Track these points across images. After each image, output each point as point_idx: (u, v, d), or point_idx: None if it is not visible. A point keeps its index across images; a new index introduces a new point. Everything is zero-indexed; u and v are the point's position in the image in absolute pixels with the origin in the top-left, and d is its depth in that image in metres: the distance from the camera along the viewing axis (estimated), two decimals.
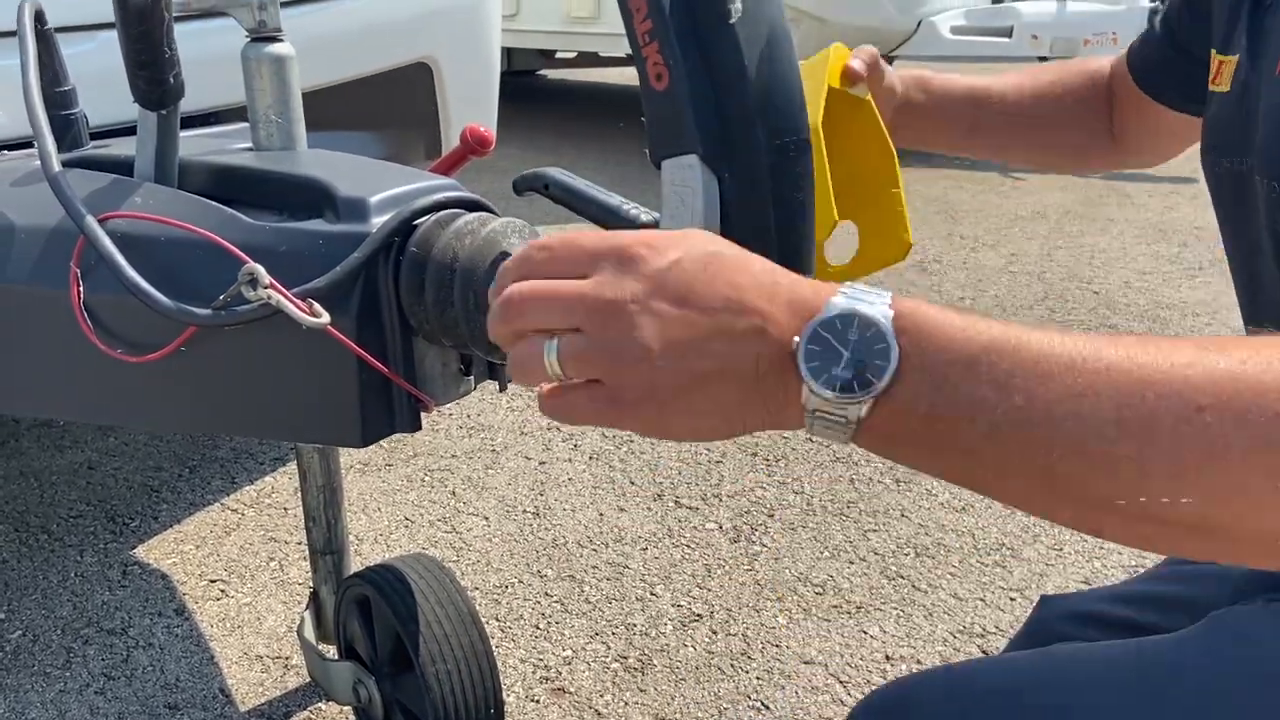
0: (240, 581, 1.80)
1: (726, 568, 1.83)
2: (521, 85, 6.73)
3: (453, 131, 2.13)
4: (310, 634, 1.41)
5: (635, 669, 1.58)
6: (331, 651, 1.39)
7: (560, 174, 0.80)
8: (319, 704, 1.51)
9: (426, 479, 2.13)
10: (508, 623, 1.69)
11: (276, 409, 0.91)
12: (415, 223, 0.87)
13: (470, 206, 0.90)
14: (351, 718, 1.45)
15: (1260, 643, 0.67)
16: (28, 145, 1.22)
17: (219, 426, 1.07)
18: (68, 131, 1.13)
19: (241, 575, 1.81)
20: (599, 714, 1.50)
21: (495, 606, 1.73)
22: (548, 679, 1.57)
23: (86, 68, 1.22)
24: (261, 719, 1.49)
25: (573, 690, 1.54)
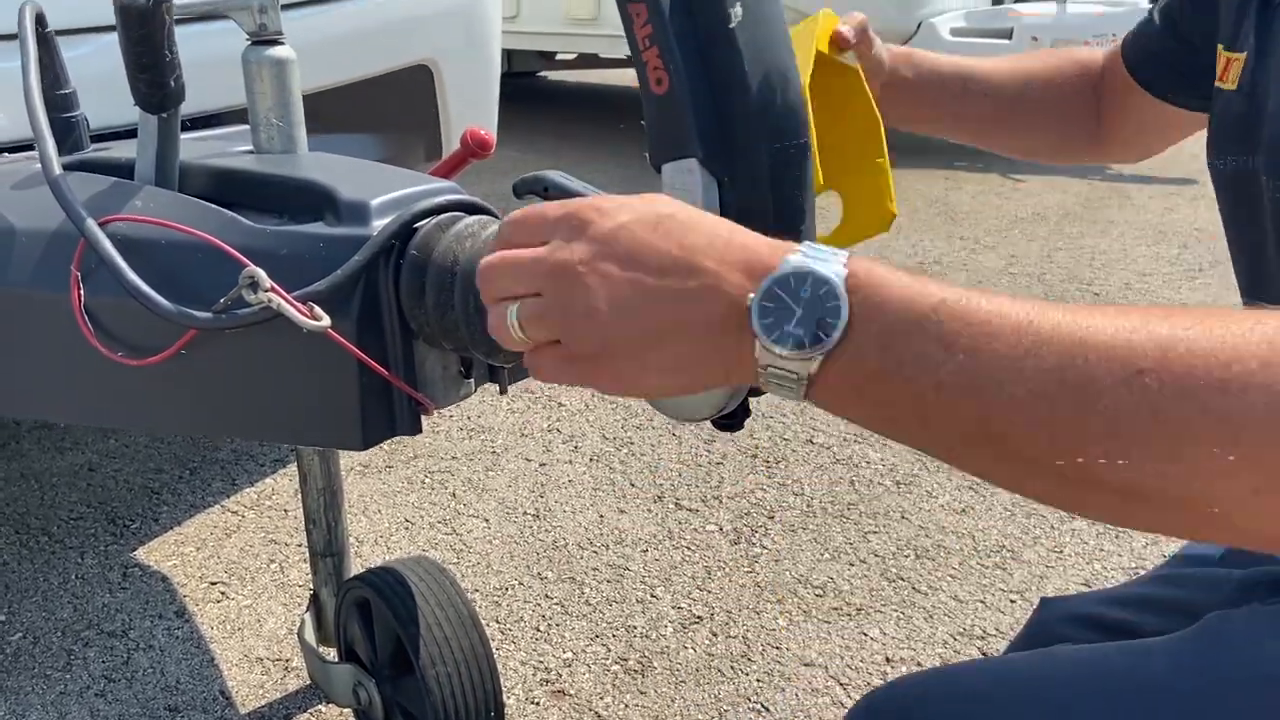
0: (241, 584, 1.80)
1: (727, 570, 1.83)
2: (522, 87, 6.74)
3: (453, 133, 2.14)
4: (310, 636, 1.41)
5: (635, 671, 1.59)
6: (332, 654, 1.39)
7: (560, 176, 0.80)
8: (319, 706, 1.51)
9: (427, 481, 2.13)
10: (508, 625, 1.69)
11: (277, 412, 0.91)
12: (416, 226, 0.87)
13: (471, 209, 0.90)
14: None
15: (1250, 646, 0.67)
16: (28, 148, 1.22)
17: (220, 429, 1.07)
18: (68, 134, 1.13)
19: (242, 577, 1.82)
20: (599, 716, 1.50)
21: (495, 608, 1.73)
22: (548, 681, 1.57)
23: (87, 70, 1.22)
24: None
25: (573, 692, 1.54)
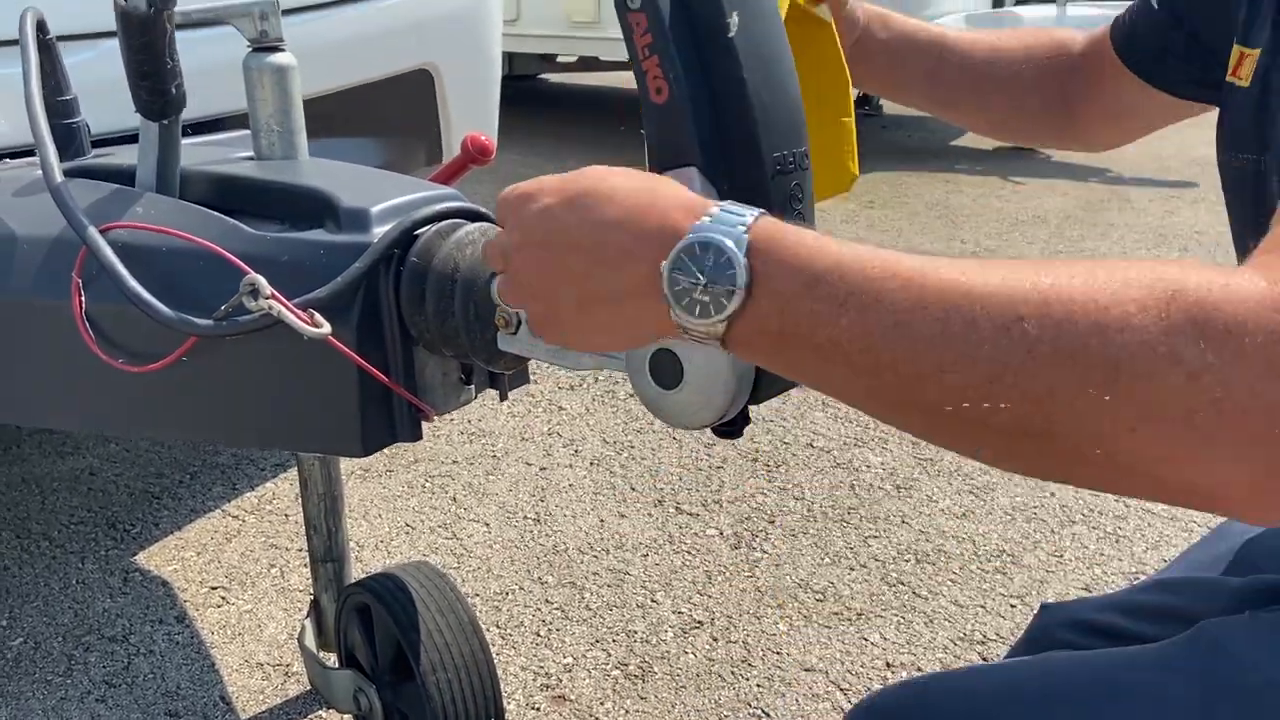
0: (241, 588, 1.80)
1: (727, 574, 1.83)
2: (522, 89, 6.74)
3: (454, 137, 2.14)
4: (311, 642, 1.41)
5: (636, 676, 1.59)
6: (332, 659, 1.39)
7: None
8: (320, 712, 1.51)
9: (427, 485, 2.13)
10: (508, 629, 1.69)
11: (277, 419, 0.91)
12: (416, 233, 0.87)
13: (471, 217, 0.91)
14: None
15: (1245, 654, 0.67)
16: (30, 153, 1.22)
17: (220, 437, 1.07)
18: (70, 140, 1.13)
19: (242, 582, 1.82)
20: None
21: (496, 613, 1.73)
22: (548, 686, 1.57)
23: (88, 76, 1.22)
24: None
25: (573, 698, 1.54)
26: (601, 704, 1.53)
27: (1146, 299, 0.47)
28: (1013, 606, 1.74)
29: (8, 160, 1.29)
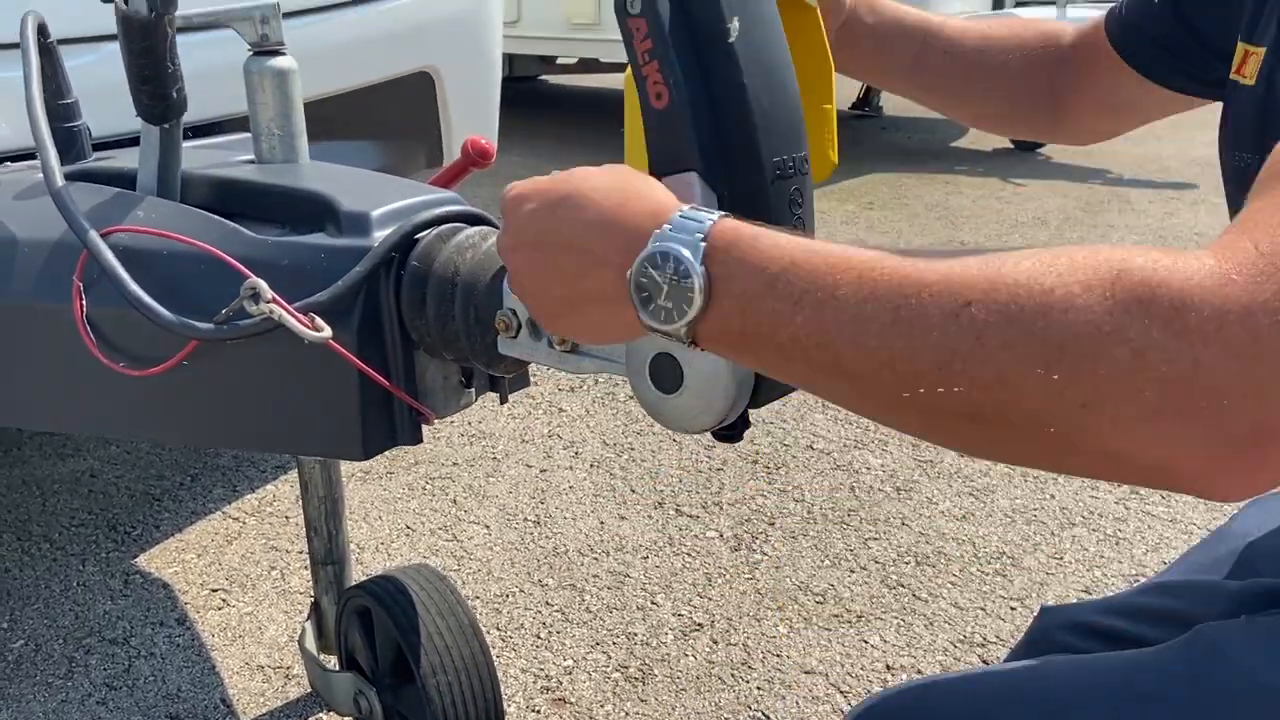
0: (241, 591, 1.80)
1: (727, 576, 1.83)
2: (522, 91, 6.75)
3: (454, 140, 2.14)
4: (311, 644, 1.41)
5: (636, 679, 1.59)
6: (333, 662, 1.39)
7: None
8: (320, 714, 1.51)
9: (427, 487, 2.13)
10: (508, 632, 1.69)
11: (278, 422, 0.92)
12: (417, 237, 0.87)
13: (472, 220, 0.91)
14: None
15: (1241, 657, 0.68)
16: (31, 156, 1.22)
17: (221, 440, 1.07)
18: (71, 144, 1.13)
19: (243, 584, 1.82)
20: None
21: (496, 615, 1.73)
22: (548, 689, 1.57)
23: (89, 80, 1.22)
24: None
25: (573, 700, 1.54)
26: (601, 706, 1.53)
27: (1091, 279, 0.47)
28: (1013, 609, 1.74)
29: (9, 163, 1.29)
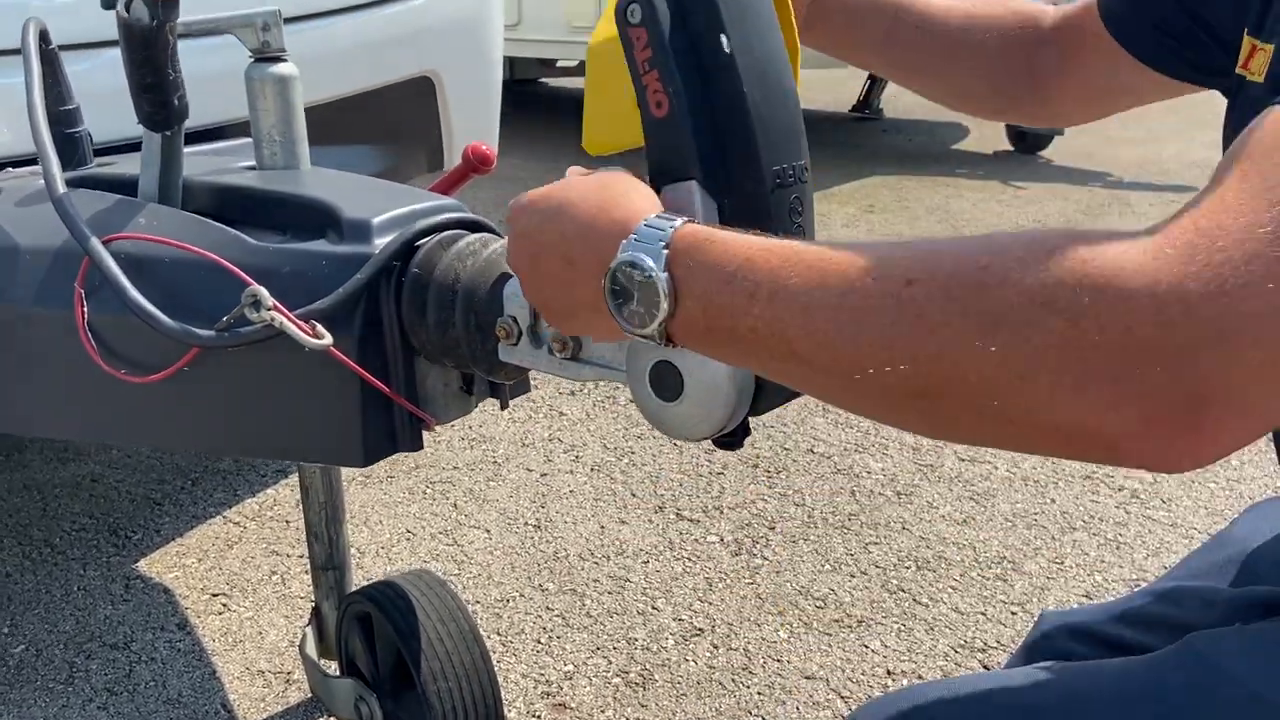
0: (242, 595, 1.80)
1: (728, 581, 1.83)
2: (523, 94, 6.75)
3: (455, 144, 2.14)
4: (312, 650, 1.41)
5: (636, 684, 1.59)
6: (333, 667, 1.39)
7: None
8: (321, 719, 1.51)
9: (428, 491, 2.13)
10: (509, 637, 1.69)
11: (279, 429, 0.92)
12: (418, 244, 0.87)
13: (472, 227, 0.91)
14: None
15: (1228, 668, 0.68)
16: (33, 161, 1.23)
17: (222, 447, 1.07)
18: (72, 150, 1.13)
19: (243, 589, 1.82)
20: None
21: (496, 620, 1.73)
22: (549, 694, 1.57)
23: (90, 85, 1.22)
24: None
25: (574, 705, 1.54)
26: (602, 712, 1.53)
27: (1027, 255, 0.49)
28: (1013, 614, 1.74)
29: (10, 169, 1.29)
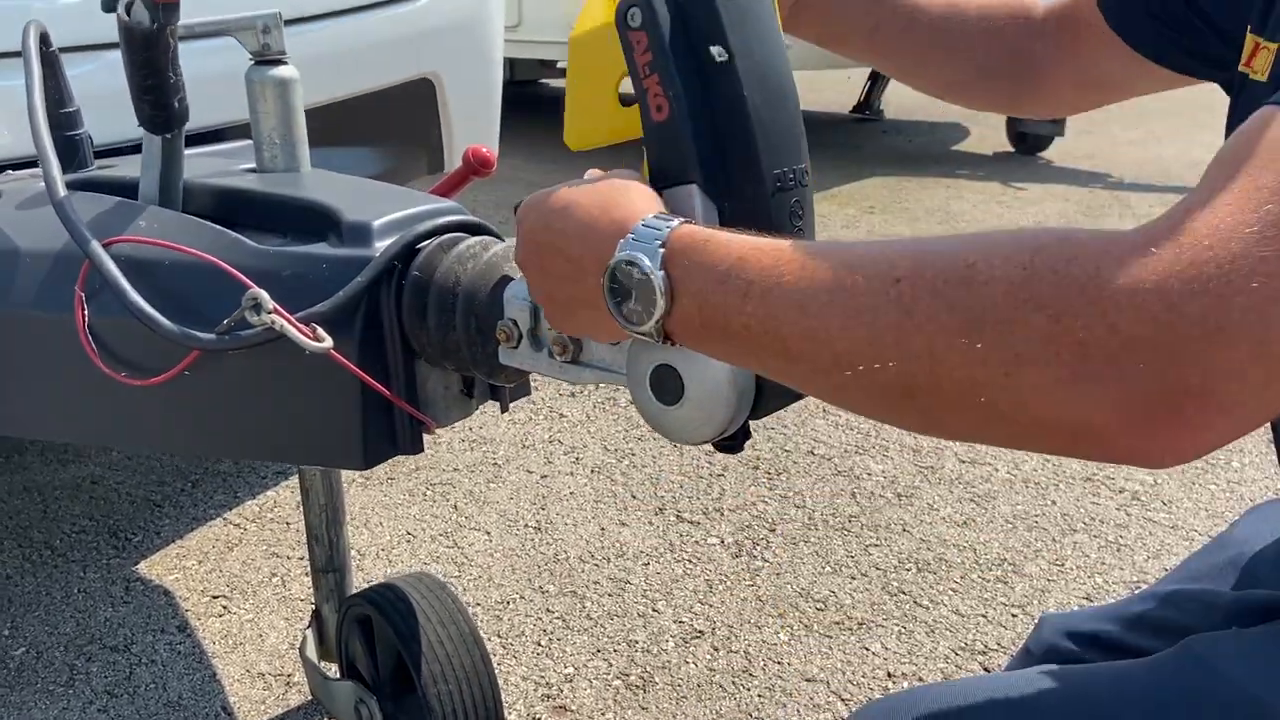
0: (242, 597, 1.80)
1: (728, 583, 1.83)
2: (524, 95, 6.75)
3: (456, 145, 2.14)
4: (312, 652, 1.41)
5: (637, 687, 1.59)
6: (333, 670, 1.39)
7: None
8: None
9: (428, 493, 2.13)
10: (509, 639, 1.69)
11: (279, 432, 0.92)
12: (418, 247, 0.87)
13: (473, 230, 0.91)
14: None
15: (1225, 671, 0.68)
16: (33, 164, 1.23)
17: (222, 450, 1.07)
18: (73, 153, 1.13)
19: (244, 591, 1.82)
20: None
21: (497, 623, 1.73)
22: (549, 697, 1.57)
23: (90, 87, 1.22)
24: None
25: (574, 708, 1.54)
26: (603, 714, 1.53)
27: (1012, 253, 0.50)
28: (1014, 616, 1.74)
29: (11, 172, 1.29)
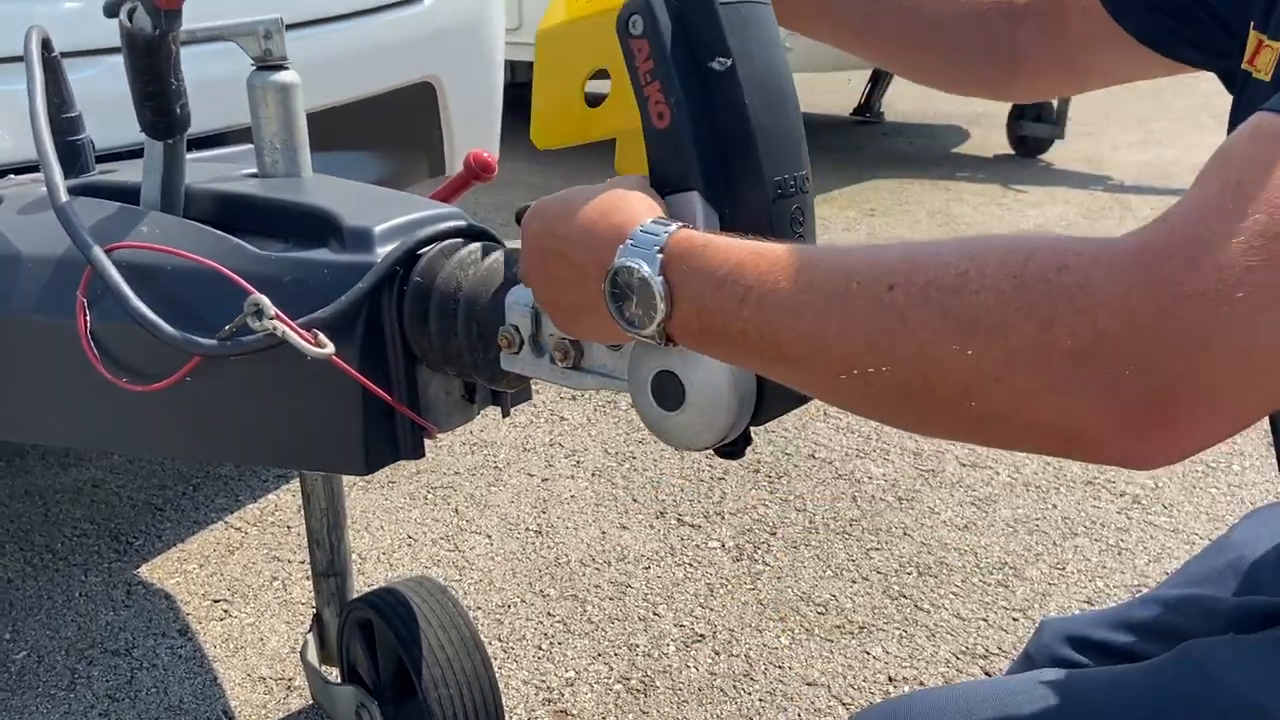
0: (243, 601, 1.80)
1: (729, 587, 1.83)
2: (524, 97, 6.76)
3: (457, 149, 2.14)
4: (313, 657, 1.41)
5: (638, 690, 1.59)
6: (335, 674, 1.39)
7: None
8: None
9: (429, 496, 2.13)
10: (510, 643, 1.69)
11: (281, 437, 0.92)
12: (419, 252, 0.87)
13: (474, 236, 0.91)
14: None
15: (1222, 677, 0.68)
16: (35, 169, 1.23)
17: (223, 455, 1.07)
18: (75, 157, 1.13)
19: (245, 595, 1.82)
20: None
21: (498, 626, 1.73)
22: (550, 700, 1.57)
23: (92, 92, 1.22)
24: None
25: (575, 712, 1.54)
26: (604, 718, 1.53)
27: (1003, 260, 0.50)
28: (1015, 620, 1.74)
29: (12, 176, 1.29)
